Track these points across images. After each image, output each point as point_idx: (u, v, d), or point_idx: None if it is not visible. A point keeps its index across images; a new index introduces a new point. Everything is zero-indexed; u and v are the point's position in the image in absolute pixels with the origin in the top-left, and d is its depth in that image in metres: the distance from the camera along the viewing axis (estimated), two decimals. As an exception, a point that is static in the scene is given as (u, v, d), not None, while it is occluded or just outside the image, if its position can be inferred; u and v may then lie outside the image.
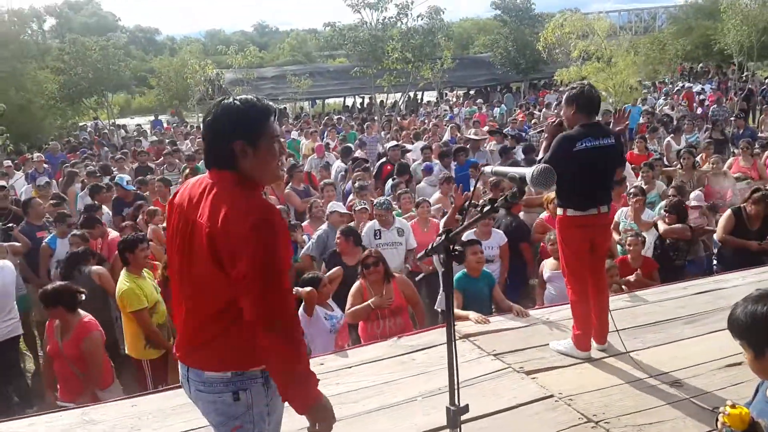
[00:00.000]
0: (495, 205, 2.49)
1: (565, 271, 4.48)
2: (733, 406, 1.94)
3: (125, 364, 5.64)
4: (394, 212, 7.27)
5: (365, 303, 5.13)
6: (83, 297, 4.92)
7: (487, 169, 3.13)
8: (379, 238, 6.90)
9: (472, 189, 8.69)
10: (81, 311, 4.92)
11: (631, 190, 7.31)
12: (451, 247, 2.47)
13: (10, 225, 7.90)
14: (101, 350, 4.92)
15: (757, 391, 2.10)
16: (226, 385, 2.29)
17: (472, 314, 5.05)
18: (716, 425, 2.00)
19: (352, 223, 7.37)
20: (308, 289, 4.95)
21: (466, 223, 2.83)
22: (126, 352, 5.56)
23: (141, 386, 5.29)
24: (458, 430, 2.55)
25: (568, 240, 4.35)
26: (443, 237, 2.49)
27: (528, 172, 2.51)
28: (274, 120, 2.36)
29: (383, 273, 5.27)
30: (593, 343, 4.43)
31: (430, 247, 2.58)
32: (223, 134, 2.28)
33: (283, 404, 2.41)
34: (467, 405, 2.59)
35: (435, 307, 6.27)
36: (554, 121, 4.55)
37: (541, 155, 4.37)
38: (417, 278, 7.01)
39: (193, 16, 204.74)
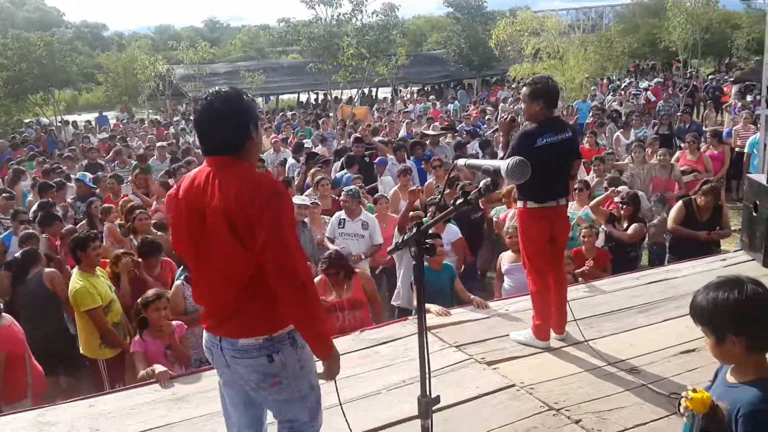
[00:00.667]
0: (468, 199, 2.49)
1: (525, 263, 4.54)
2: (694, 390, 1.99)
3: (81, 364, 5.49)
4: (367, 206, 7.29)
5: None
6: (1, 305, 4.78)
7: (461, 161, 3.12)
8: (343, 228, 6.92)
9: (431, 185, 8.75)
10: (5, 319, 4.74)
11: (576, 185, 7.39)
12: (423, 239, 2.47)
13: None
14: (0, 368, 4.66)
15: (716, 375, 2.15)
16: (259, 351, 2.50)
17: (433, 307, 5.06)
18: (678, 409, 2.05)
19: (306, 219, 7.33)
20: None
21: (439, 216, 2.83)
22: (81, 351, 5.41)
23: (97, 386, 5.16)
24: (430, 420, 2.55)
25: (528, 232, 4.41)
26: (414, 230, 2.48)
27: (502, 164, 2.53)
28: None
29: (344, 270, 5.24)
30: (552, 333, 4.51)
31: (401, 240, 2.57)
32: (237, 118, 2.48)
33: (312, 355, 2.64)
34: (438, 396, 2.59)
35: (392, 302, 6.29)
36: (506, 118, 4.62)
37: (501, 153, 4.42)
38: (377, 272, 7.09)
39: (141, 11, 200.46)
